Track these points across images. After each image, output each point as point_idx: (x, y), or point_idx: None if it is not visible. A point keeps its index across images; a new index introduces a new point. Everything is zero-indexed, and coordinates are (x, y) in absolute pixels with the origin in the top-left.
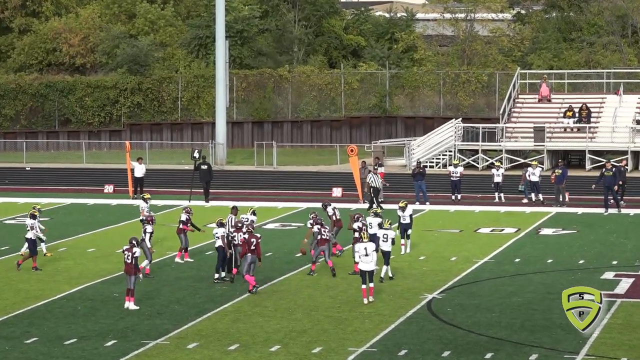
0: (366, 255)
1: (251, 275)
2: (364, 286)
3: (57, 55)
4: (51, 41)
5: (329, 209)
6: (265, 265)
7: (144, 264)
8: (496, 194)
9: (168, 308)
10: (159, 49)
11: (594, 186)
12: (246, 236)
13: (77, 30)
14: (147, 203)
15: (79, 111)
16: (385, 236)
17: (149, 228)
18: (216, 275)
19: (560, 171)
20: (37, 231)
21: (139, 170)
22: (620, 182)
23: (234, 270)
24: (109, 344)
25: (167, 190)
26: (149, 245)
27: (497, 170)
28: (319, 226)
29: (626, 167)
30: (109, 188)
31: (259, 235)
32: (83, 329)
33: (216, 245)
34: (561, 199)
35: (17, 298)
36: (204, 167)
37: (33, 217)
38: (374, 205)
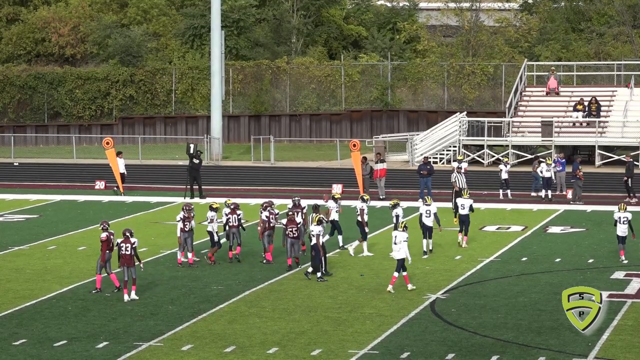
0: (395, 244)
1: (111, 273)
2: (395, 274)
3: (46, 45)
4: (40, 31)
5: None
6: (263, 265)
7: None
8: (501, 190)
9: (162, 308)
10: (152, 39)
11: None
12: (104, 235)
13: (67, 19)
14: (337, 203)
15: (69, 104)
16: (427, 212)
17: (211, 215)
18: (318, 274)
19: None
20: (215, 225)
21: (120, 165)
22: (626, 178)
23: (230, 254)
24: (101, 345)
25: (160, 186)
26: (219, 233)
27: (506, 166)
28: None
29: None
30: (100, 184)
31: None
32: (74, 330)
33: (312, 243)
34: (576, 195)
35: (4, 298)
36: (196, 161)
37: (214, 209)
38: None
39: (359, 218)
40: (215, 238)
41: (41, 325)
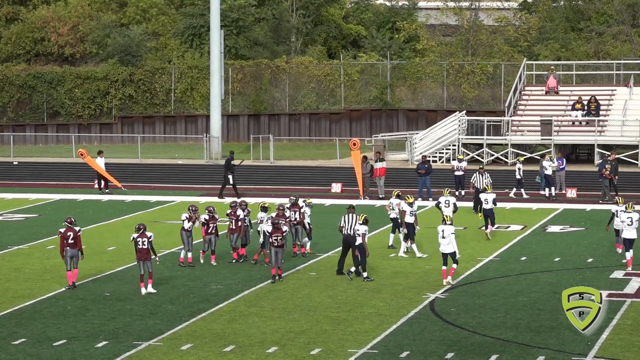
0: (443, 237)
1: (74, 269)
2: (444, 267)
3: (45, 45)
4: (39, 30)
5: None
6: (262, 265)
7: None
8: (523, 189)
9: (161, 308)
10: (151, 38)
11: None
12: (63, 230)
13: (66, 18)
14: (399, 199)
15: (68, 103)
16: (447, 202)
17: (261, 215)
18: (364, 274)
19: (609, 166)
20: (265, 226)
21: (101, 164)
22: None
23: (242, 251)
24: (100, 345)
25: (160, 185)
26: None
27: (522, 165)
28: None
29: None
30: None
31: (78, 229)
32: (73, 330)
33: (357, 243)
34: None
35: (4, 297)
36: (235, 162)
37: (264, 209)
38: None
39: (403, 219)
40: (261, 239)
41: (40, 325)
